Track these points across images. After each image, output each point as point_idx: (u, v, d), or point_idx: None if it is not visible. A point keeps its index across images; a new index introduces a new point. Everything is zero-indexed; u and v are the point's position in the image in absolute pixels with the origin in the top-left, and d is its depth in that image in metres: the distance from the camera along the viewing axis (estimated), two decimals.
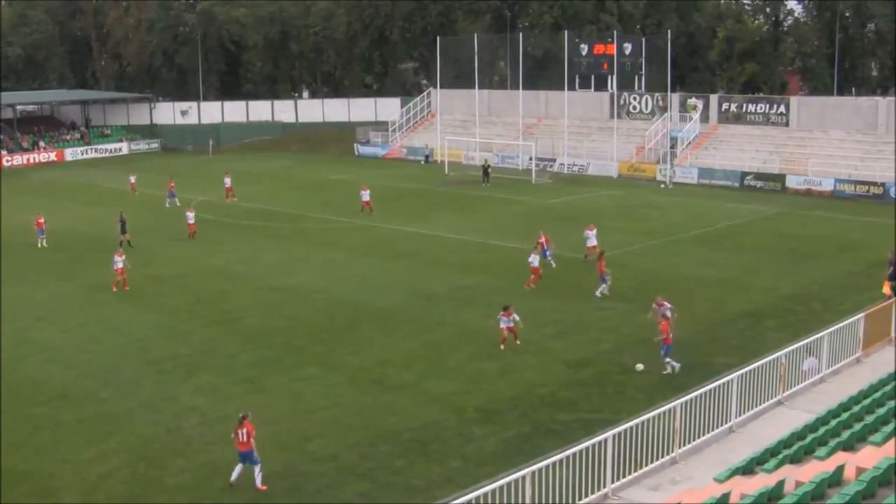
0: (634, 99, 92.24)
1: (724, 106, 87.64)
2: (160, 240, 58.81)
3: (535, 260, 45.22)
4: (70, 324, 41.70)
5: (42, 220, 58.01)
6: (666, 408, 20.71)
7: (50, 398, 32.65)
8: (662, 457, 20.62)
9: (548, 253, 48.85)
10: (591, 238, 48.46)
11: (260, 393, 32.57)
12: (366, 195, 66.09)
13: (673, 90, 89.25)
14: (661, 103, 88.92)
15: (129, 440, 28.52)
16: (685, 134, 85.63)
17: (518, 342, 35.78)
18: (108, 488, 25.78)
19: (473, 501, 16.87)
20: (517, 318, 35.92)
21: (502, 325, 35.80)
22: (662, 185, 78.77)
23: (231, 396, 32.24)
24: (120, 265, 46.17)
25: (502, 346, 35.68)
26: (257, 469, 25.19)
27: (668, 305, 35.16)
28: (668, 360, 32.96)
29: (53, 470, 26.94)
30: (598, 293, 43.12)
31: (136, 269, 48.51)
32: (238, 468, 25.29)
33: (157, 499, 24.96)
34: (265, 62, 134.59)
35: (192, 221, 58.73)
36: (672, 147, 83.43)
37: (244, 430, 25.13)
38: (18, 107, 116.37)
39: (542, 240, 48.99)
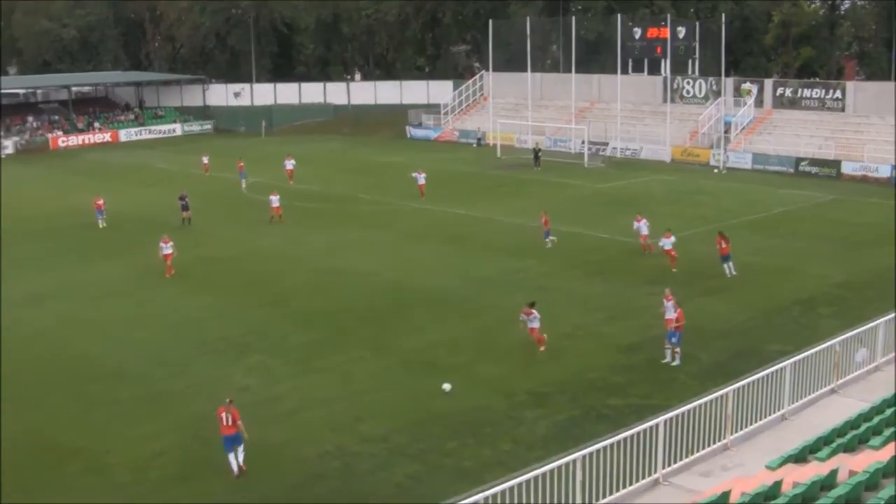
0: (688, 83, 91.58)
1: (779, 91, 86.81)
2: (215, 221, 59.23)
3: (666, 243, 44.89)
4: (123, 303, 42.14)
5: (101, 202, 58.67)
6: (718, 394, 20.59)
7: (104, 376, 33.05)
8: (714, 443, 20.52)
9: (548, 234, 49.29)
10: (643, 228, 48.03)
11: (312, 374, 32.78)
12: (421, 178, 65.98)
13: (727, 74, 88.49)
14: (714, 88, 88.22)
15: (181, 419, 28.80)
16: (739, 119, 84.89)
17: (542, 349, 34.22)
18: (160, 466, 26.08)
19: (524, 484, 16.90)
20: (538, 316, 34.13)
21: (529, 326, 34.27)
22: (716, 171, 78.16)
23: (283, 377, 32.49)
24: (167, 251, 46.30)
25: (542, 348, 34.33)
26: (241, 448, 25.34)
27: (673, 301, 34.49)
28: (677, 349, 32.71)
29: (108, 447, 27.28)
30: (729, 274, 43.09)
31: (188, 251, 48.96)
32: (231, 457, 25.38)
33: (208, 478, 25.22)
34: (317, 44, 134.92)
35: (276, 205, 58.47)
36: (726, 132, 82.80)
37: (228, 415, 25.28)
38: (74, 88, 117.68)
39: (543, 220, 49.79)
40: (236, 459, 25.33)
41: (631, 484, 18.78)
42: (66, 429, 28.63)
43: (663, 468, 19.37)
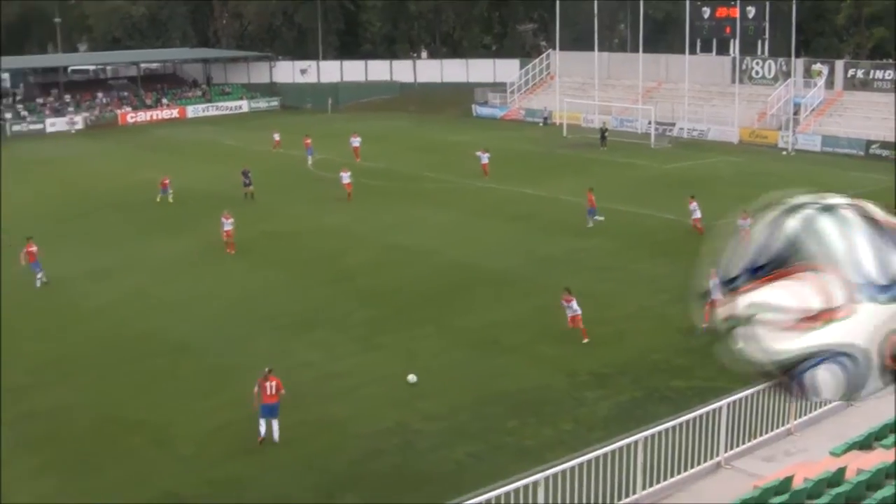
0: (757, 64, 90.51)
1: (850, 72, 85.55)
2: (280, 197, 59.55)
3: (745, 224, 44.53)
4: (187, 278, 42.60)
5: (167, 181, 59.20)
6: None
7: (168, 350, 33.41)
8: (777, 428, 20.34)
9: (593, 212, 49.72)
10: (696, 211, 47.79)
11: (374, 351, 32.91)
12: (485, 158, 65.73)
13: (797, 55, 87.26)
14: (784, 68, 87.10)
15: (243, 393, 28.90)
16: (809, 100, 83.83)
17: (585, 340, 32.95)
18: (222, 440, 26.33)
19: (585, 464, 16.86)
20: (577, 308, 33.01)
21: (570, 314, 33.11)
22: (784, 153, 77.32)
23: (345, 353, 32.65)
24: (228, 227, 46.50)
25: (584, 340, 33.08)
26: (276, 423, 25.73)
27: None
28: None
29: (171, 420, 27.62)
30: None
31: (252, 226, 49.30)
32: (263, 423, 25.73)
33: (270, 452, 25.42)
34: (384, 22, 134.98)
35: (347, 181, 58.30)
36: (795, 113, 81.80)
37: (272, 384, 25.67)
38: (142, 65, 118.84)
39: (589, 199, 50.10)
40: (268, 428, 25.74)
41: (692, 467, 18.68)
42: (131, 402, 29.01)
43: (725, 451, 19.25)
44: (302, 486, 23.72)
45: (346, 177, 58.28)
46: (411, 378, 29.56)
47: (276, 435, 25.77)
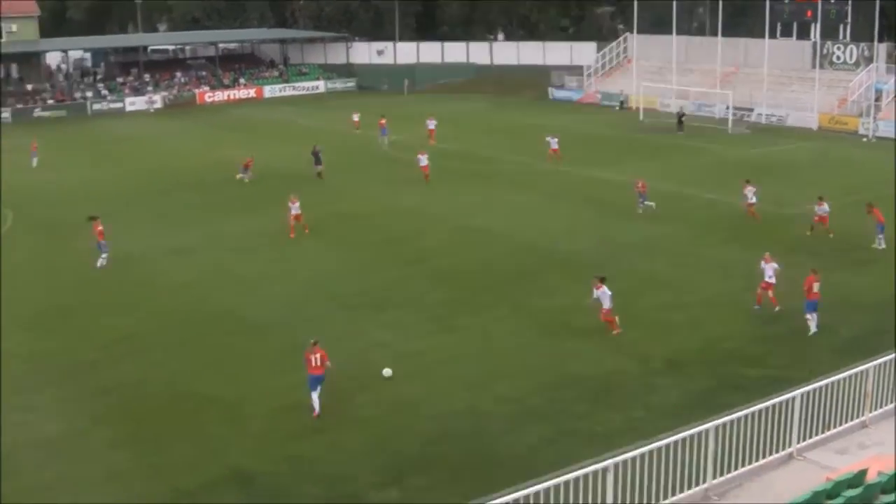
0: (838, 48, 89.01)
1: None
2: (354, 178, 59.84)
3: (820, 210, 44.18)
4: (263, 257, 42.99)
5: (250, 162, 59.67)
6: (858, 370, 20.12)
7: (244, 328, 33.81)
8: (852, 420, 20.08)
9: (644, 199, 49.47)
10: (751, 196, 47.34)
11: (448, 332, 33.06)
12: (554, 143, 65.37)
13: (880, 40, 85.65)
14: (866, 53, 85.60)
15: None
16: (891, 86, 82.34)
17: (615, 332, 32.42)
18: (295, 418, 26.60)
19: (654, 451, 16.79)
20: (608, 292, 32.10)
21: (604, 307, 32.30)
22: (864, 140, 76.11)
23: (420, 334, 32.83)
24: (295, 211, 46.43)
25: (615, 331, 32.46)
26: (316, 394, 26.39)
27: (774, 265, 34.17)
28: (806, 315, 32.37)
29: (243, 397, 27.98)
30: (879, 246, 42.23)
31: (326, 207, 49.67)
32: (315, 396, 26.03)
33: (343, 431, 25.65)
34: (461, 4, 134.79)
35: (424, 164, 58.33)
36: (877, 100, 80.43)
37: (317, 356, 25.94)
38: (220, 45, 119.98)
39: (640, 186, 49.84)
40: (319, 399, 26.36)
41: (764, 457, 18.51)
42: (204, 378, 29.46)
43: (798, 443, 19.05)
44: (371, 466, 23.87)
45: (423, 159, 58.35)
46: (386, 372, 29.08)
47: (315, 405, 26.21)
